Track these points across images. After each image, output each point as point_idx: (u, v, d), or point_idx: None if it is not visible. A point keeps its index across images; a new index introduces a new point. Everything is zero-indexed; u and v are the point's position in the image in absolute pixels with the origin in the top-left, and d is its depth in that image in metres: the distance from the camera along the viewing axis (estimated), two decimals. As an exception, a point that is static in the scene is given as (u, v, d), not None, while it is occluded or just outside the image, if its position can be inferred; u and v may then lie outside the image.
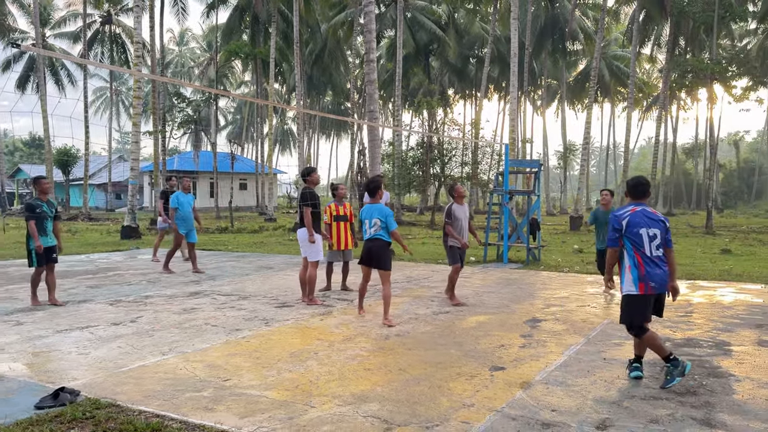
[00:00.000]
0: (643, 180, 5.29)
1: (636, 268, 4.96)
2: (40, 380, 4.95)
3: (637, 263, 4.96)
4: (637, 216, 5.02)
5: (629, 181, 5.32)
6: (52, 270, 8.38)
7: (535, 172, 14.74)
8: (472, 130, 31.45)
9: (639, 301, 4.97)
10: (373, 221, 7.22)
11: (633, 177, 5.41)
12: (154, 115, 29.80)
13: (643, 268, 4.94)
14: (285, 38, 37.11)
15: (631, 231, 4.99)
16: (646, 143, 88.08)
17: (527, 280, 11.06)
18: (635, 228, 4.98)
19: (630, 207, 5.11)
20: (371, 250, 7.18)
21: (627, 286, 5.02)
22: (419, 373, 5.16)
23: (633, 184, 5.25)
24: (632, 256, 4.99)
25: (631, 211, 5.05)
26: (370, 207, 7.33)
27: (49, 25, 41.38)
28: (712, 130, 33.19)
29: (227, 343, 6.22)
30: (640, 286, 4.94)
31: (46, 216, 8.22)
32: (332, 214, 9.37)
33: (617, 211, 5.15)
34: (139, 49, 22.17)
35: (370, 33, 15.67)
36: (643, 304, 4.98)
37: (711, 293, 9.52)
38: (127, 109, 66.72)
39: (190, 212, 11.80)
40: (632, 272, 4.98)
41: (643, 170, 62.41)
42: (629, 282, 5.00)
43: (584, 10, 40.31)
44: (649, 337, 4.97)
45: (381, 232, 7.19)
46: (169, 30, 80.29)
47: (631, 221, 5.00)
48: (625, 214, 5.05)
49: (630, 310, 5.01)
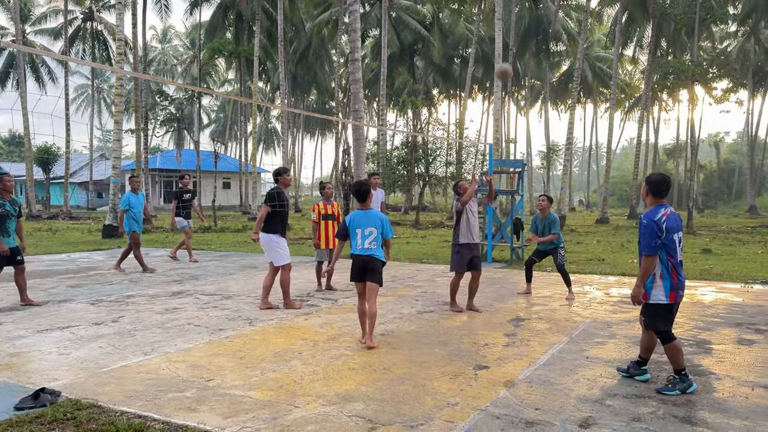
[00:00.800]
0: (666, 177, 4.87)
1: (669, 277, 4.69)
2: (19, 381, 4.88)
3: (670, 271, 4.68)
4: (671, 220, 4.69)
5: (653, 177, 4.86)
6: (22, 272, 8.10)
7: (519, 172, 14.82)
8: (457, 130, 31.55)
9: (669, 310, 4.77)
10: (367, 230, 6.06)
11: (654, 174, 4.96)
12: (137, 113, 29.53)
13: (676, 277, 4.70)
14: (269, 36, 36.95)
15: (668, 237, 4.66)
16: (628, 144, 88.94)
17: (511, 279, 11.12)
18: (671, 234, 4.67)
19: (662, 209, 4.71)
20: (366, 265, 6.07)
21: (657, 295, 4.71)
22: (404, 373, 5.17)
23: (659, 181, 4.80)
24: (665, 264, 4.69)
25: (665, 215, 4.67)
26: (363, 214, 6.16)
27: (30, 22, 40.80)
28: (693, 131, 33.57)
29: (210, 343, 6.18)
30: (671, 295, 4.71)
31: (9, 215, 7.77)
32: (320, 213, 9.31)
33: (653, 215, 4.68)
34: (121, 47, 21.95)
35: (355, 32, 15.65)
36: (671, 313, 4.80)
37: (692, 292, 9.63)
38: (108, 107, 66.02)
39: (141, 212, 11.57)
40: (665, 281, 4.69)
41: (625, 170, 63.05)
42: (660, 291, 4.70)
43: (567, 12, 40.63)
44: (674, 346, 4.76)
45: (376, 249, 6.09)
46: (152, 27, 79.54)
47: (669, 226, 4.66)
48: (662, 218, 4.65)
49: (658, 318, 4.78)
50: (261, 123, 67.18)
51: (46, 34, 42.08)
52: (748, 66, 41.24)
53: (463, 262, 7.84)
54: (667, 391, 4.69)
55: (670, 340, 4.76)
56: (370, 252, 6.07)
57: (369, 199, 6.29)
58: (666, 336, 4.78)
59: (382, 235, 6.18)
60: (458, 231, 7.88)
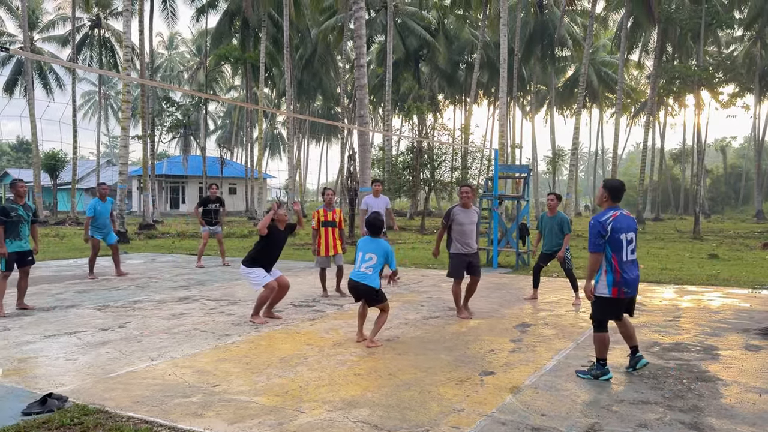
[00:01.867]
0: (623, 183, 5.37)
1: (612, 273, 5.08)
2: (27, 386, 4.90)
3: (614, 268, 5.08)
4: (619, 221, 5.10)
5: (613, 182, 5.33)
6: (26, 274, 8.31)
7: (525, 177, 14.81)
8: (462, 135, 31.56)
9: (611, 303, 5.16)
10: (367, 255, 6.29)
11: (613, 179, 5.46)
12: (143, 119, 29.68)
13: (619, 274, 5.07)
14: (275, 43, 37.12)
15: (613, 236, 5.06)
16: (635, 149, 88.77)
17: (517, 284, 11.10)
18: (617, 233, 5.07)
19: (611, 212, 5.15)
20: (359, 291, 6.31)
21: (601, 289, 5.15)
22: (409, 378, 5.16)
23: (617, 187, 5.26)
24: (609, 261, 5.09)
25: (613, 217, 5.10)
26: (370, 240, 6.44)
27: (38, 29, 41.11)
28: (699, 136, 33.53)
29: (216, 348, 6.19)
30: (614, 290, 5.09)
31: (22, 220, 8.06)
32: (319, 220, 9.31)
33: (600, 216, 5.16)
34: (128, 53, 22.09)
35: (361, 38, 15.71)
36: (615, 307, 5.19)
37: (699, 298, 9.59)
38: (115, 113, 66.42)
39: (107, 220, 11.51)
40: (607, 276, 5.10)
41: (631, 175, 62.87)
42: (603, 285, 5.13)
43: (573, 17, 40.64)
44: (603, 337, 5.22)
45: (371, 275, 6.24)
46: (159, 34, 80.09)
47: (615, 227, 5.07)
48: (608, 220, 5.09)
49: (602, 310, 5.21)
50: (267, 129, 67.35)
51: (54, 41, 42.38)
52: (754, 70, 41.10)
53: (459, 269, 7.85)
54: (582, 374, 5.25)
55: (602, 331, 5.23)
56: (361, 277, 6.24)
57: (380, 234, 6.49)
58: (600, 326, 5.24)
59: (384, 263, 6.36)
60: (450, 240, 7.93)
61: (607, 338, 5.24)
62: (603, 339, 5.22)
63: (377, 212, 6.68)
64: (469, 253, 7.86)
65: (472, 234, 7.83)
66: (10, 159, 73.33)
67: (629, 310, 5.36)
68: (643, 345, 6.39)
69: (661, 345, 6.44)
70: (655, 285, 11.00)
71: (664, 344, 6.48)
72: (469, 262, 7.87)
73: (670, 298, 9.61)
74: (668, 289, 10.58)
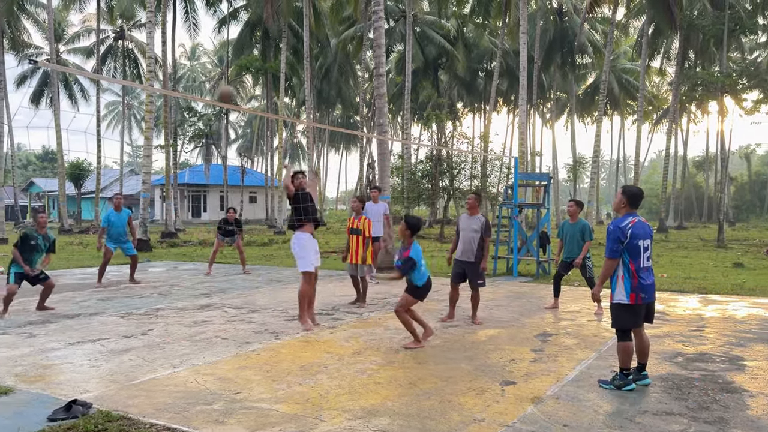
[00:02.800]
0: (642, 191, 5.40)
1: (629, 278, 5.07)
2: (52, 392, 4.98)
3: (631, 274, 5.07)
4: (638, 227, 5.10)
5: (632, 189, 5.31)
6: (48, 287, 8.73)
7: (545, 185, 14.73)
8: (481, 143, 31.47)
9: (630, 310, 5.12)
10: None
11: (632, 186, 5.45)
12: (166, 129, 30.08)
13: (636, 279, 5.06)
14: (295, 53, 37.44)
15: (632, 243, 5.06)
16: (657, 156, 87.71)
17: (537, 293, 11.02)
18: (636, 240, 5.07)
19: (630, 218, 5.15)
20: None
21: (619, 296, 5.13)
22: (429, 388, 5.15)
23: (636, 194, 5.27)
24: (627, 267, 5.08)
25: (632, 223, 5.10)
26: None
27: (64, 41, 41.94)
28: (723, 143, 33.02)
29: (237, 356, 6.23)
30: (632, 296, 5.06)
31: (38, 248, 8.44)
32: (348, 227, 9.53)
33: (619, 222, 5.14)
34: (151, 64, 22.44)
35: (380, 48, 15.77)
36: (633, 313, 5.13)
37: (723, 307, 9.44)
38: (138, 123, 67.34)
39: (123, 230, 11.60)
40: (625, 282, 5.09)
41: (653, 183, 62.16)
42: (621, 291, 5.11)
43: (593, 24, 40.40)
44: (626, 347, 5.15)
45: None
46: (181, 45, 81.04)
47: (634, 233, 5.06)
48: (628, 226, 5.08)
49: (621, 317, 5.17)
50: (287, 138, 67.84)
51: (79, 53, 43.18)
52: (779, 76, 40.42)
53: (453, 275, 8.10)
54: (605, 384, 5.17)
55: (625, 340, 5.17)
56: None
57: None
58: (623, 335, 5.18)
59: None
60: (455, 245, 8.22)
61: (630, 347, 5.17)
62: (627, 348, 5.15)
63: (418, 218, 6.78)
64: (464, 261, 7.91)
65: (470, 242, 7.83)
66: (36, 168, 74.68)
67: (648, 318, 5.29)
68: (666, 355, 6.31)
69: (685, 355, 6.34)
70: (678, 294, 10.85)
71: (688, 354, 6.38)
72: (464, 270, 7.94)
73: (694, 307, 9.47)
74: (692, 298, 10.43)
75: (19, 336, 7.13)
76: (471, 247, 7.86)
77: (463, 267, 7.96)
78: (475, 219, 7.91)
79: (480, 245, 7.86)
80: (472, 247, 7.86)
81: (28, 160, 78.18)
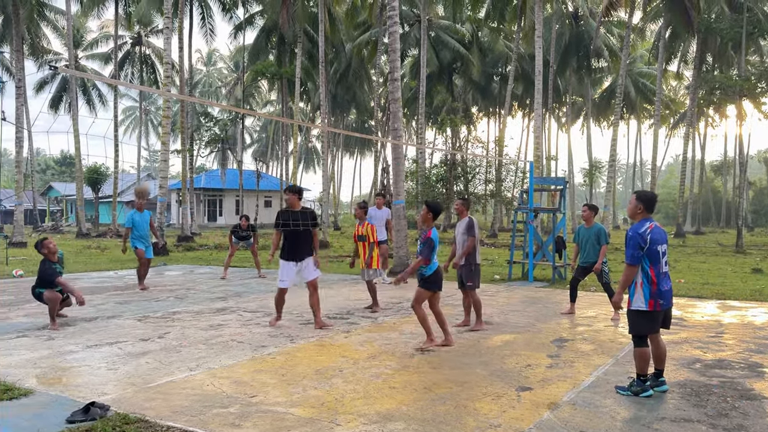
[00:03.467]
0: (656, 195, 5.36)
1: (648, 285, 5.03)
2: (70, 395, 5.03)
3: (651, 280, 5.02)
4: (656, 233, 5.07)
5: (647, 194, 5.28)
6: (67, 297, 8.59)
7: (561, 189, 14.65)
8: (496, 148, 31.40)
9: (648, 316, 5.08)
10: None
11: (646, 191, 5.43)
12: (183, 134, 30.33)
13: (656, 286, 5.02)
14: (310, 58, 37.59)
15: (652, 248, 5.02)
16: (674, 160, 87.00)
17: (553, 298, 10.95)
18: (655, 245, 5.03)
19: (648, 223, 5.11)
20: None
21: (637, 302, 5.08)
22: (445, 392, 5.13)
23: (651, 199, 5.24)
24: (646, 273, 5.03)
25: (650, 228, 5.07)
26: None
27: (82, 47, 42.49)
28: (741, 147, 32.63)
29: (253, 359, 6.26)
30: (650, 302, 5.02)
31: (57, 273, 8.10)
32: (355, 234, 9.69)
33: (638, 228, 5.09)
34: (168, 70, 22.66)
35: (395, 52, 15.80)
36: (652, 320, 5.10)
37: (742, 314, 9.32)
38: (155, 128, 67.97)
39: (147, 230, 11.65)
40: (644, 288, 5.04)
41: (670, 187, 61.60)
42: (640, 298, 5.06)
43: (609, 28, 40.17)
44: (643, 352, 5.11)
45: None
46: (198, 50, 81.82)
47: (653, 238, 5.03)
48: (647, 231, 5.05)
49: (639, 324, 5.12)
50: (301, 142, 68.15)
51: (97, 58, 43.75)
52: (798, 80, 39.92)
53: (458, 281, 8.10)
54: (622, 390, 5.13)
55: (642, 346, 5.12)
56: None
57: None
58: (640, 341, 5.13)
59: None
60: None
61: (648, 353, 5.13)
62: (644, 354, 5.11)
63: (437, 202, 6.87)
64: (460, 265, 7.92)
65: (461, 245, 7.87)
66: (54, 173, 75.62)
67: (665, 323, 5.26)
68: (684, 361, 6.24)
69: (703, 362, 6.27)
70: (696, 300, 10.73)
71: (706, 361, 6.31)
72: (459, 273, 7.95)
73: (713, 313, 9.36)
74: (710, 304, 10.31)
75: (38, 338, 7.22)
76: (458, 249, 7.98)
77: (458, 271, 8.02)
78: (462, 222, 8.01)
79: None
80: (458, 249, 7.99)
81: (46, 164, 79.24)
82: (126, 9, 36.60)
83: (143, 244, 11.63)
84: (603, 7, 31.69)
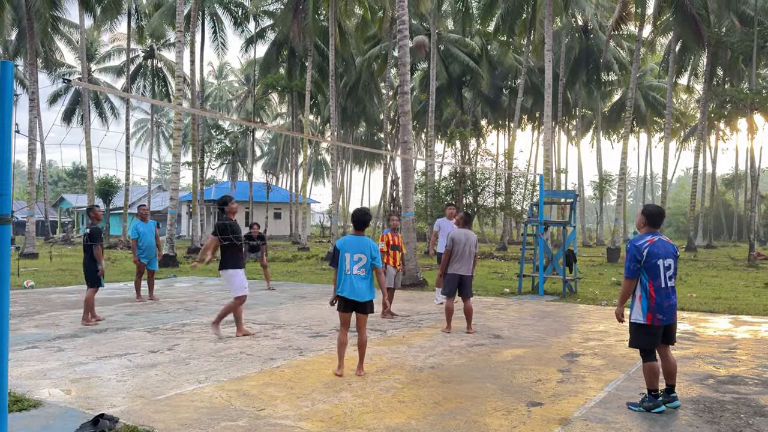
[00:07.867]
0: (662, 210, 5.35)
1: (646, 299, 5.04)
2: (80, 406, 5.04)
3: (648, 294, 5.03)
4: (656, 246, 5.07)
5: (650, 208, 5.28)
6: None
7: (571, 202, 14.59)
8: (506, 161, 31.35)
9: (646, 330, 5.09)
10: (356, 257, 6.04)
11: (652, 205, 5.44)
12: (194, 147, 30.53)
13: (654, 300, 5.03)
14: (320, 71, 37.83)
15: (649, 262, 5.03)
16: (685, 173, 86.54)
17: (564, 313, 10.87)
18: (654, 259, 5.04)
19: (648, 237, 5.13)
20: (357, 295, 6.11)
21: (635, 315, 5.11)
22: (454, 407, 5.09)
23: (654, 213, 5.23)
24: (645, 287, 5.06)
25: (650, 242, 5.08)
26: (357, 239, 6.16)
27: (95, 60, 42.97)
28: (753, 161, 32.45)
29: (262, 372, 6.24)
30: (648, 316, 5.04)
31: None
32: (389, 243, 10.12)
33: (636, 240, 5.14)
34: (179, 83, 22.86)
35: (405, 66, 15.86)
36: (650, 334, 5.09)
37: (755, 329, 9.21)
38: (167, 140, 68.44)
39: (152, 241, 11.61)
40: (642, 302, 5.06)
41: (681, 201, 61.21)
42: (638, 311, 5.09)
43: (619, 41, 40.14)
44: (651, 366, 5.08)
45: (365, 276, 6.12)
46: (209, 63, 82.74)
47: (651, 251, 5.04)
48: (645, 244, 5.06)
49: (637, 337, 5.16)
50: (311, 155, 68.41)
51: (109, 71, 44.19)
52: (810, 93, 39.68)
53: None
54: (633, 406, 5.09)
55: (650, 360, 5.10)
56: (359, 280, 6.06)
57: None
58: (647, 355, 5.12)
59: (371, 263, 6.11)
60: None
61: (656, 367, 5.09)
62: (652, 368, 5.08)
63: (365, 208, 6.64)
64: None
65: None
66: (66, 184, 76.21)
67: (669, 338, 5.19)
68: (697, 377, 6.17)
69: (716, 377, 6.19)
70: (708, 314, 10.62)
71: (719, 377, 6.23)
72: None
73: (725, 328, 9.26)
74: (723, 319, 10.20)
75: (48, 350, 7.24)
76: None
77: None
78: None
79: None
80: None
81: (58, 176, 79.89)
82: (138, 23, 37.02)
83: (146, 257, 11.57)
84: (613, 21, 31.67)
